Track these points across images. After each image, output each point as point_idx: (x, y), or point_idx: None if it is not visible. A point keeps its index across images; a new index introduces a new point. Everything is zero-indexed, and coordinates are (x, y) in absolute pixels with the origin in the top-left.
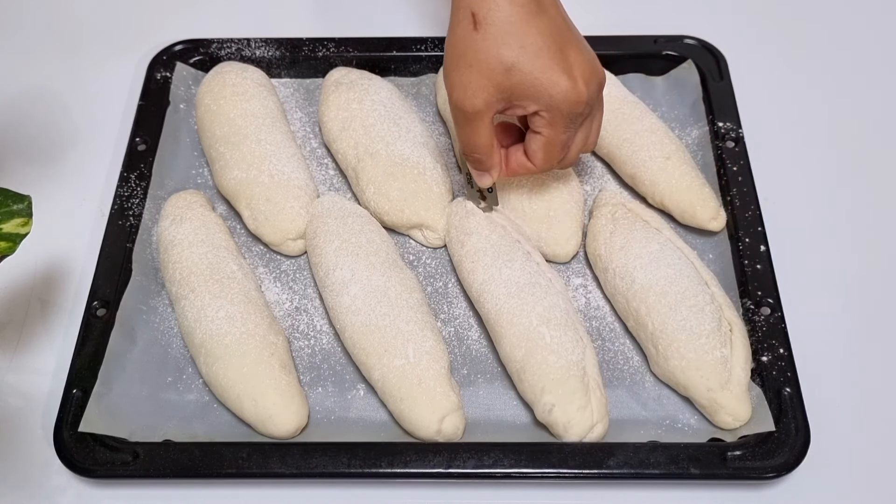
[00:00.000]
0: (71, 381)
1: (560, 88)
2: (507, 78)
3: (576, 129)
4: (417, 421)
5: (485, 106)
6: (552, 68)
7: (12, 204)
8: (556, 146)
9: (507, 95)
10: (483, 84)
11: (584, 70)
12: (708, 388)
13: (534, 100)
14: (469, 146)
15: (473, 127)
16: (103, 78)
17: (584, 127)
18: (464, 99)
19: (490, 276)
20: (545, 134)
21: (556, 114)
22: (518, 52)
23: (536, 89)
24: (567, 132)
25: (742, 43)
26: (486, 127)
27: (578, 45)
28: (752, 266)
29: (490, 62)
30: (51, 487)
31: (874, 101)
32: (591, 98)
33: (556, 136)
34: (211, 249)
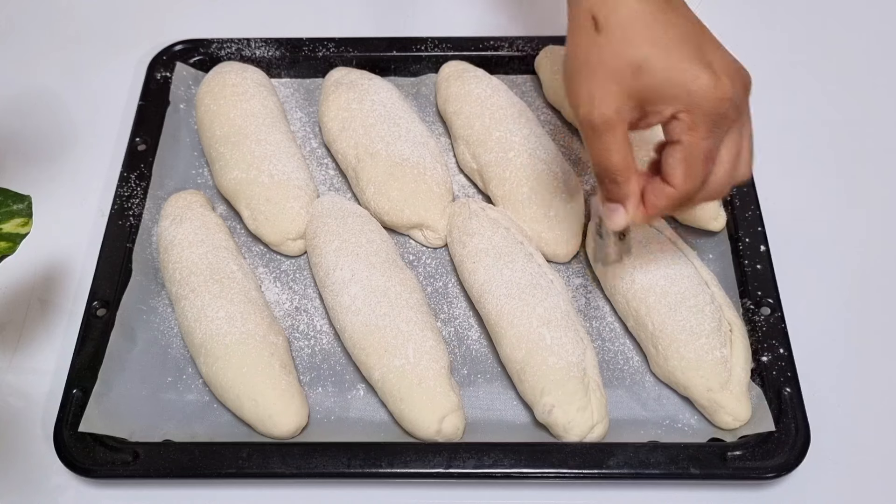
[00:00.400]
0: (71, 381)
1: (700, 82)
2: (637, 79)
3: (720, 135)
4: (417, 421)
5: (615, 114)
6: (689, 60)
7: (12, 204)
8: (698, 157)
9: (640, 100)
10: (611, 90)
11: (728, 66)
12: (708, 388)
13: (671, 100)
14: (602, 167)
15: (605, 142)
16: (103, 78)
17: (731, 139)
18: (591, 109)
19: (491, 277)
20: (685, 141)
21: (697, 113)
22: (648, 50)
23: (672, 86)
24: (710, 137)
25: (742, 43)
26: (619, 141)
27: (718, 44)
28: (752, 266)
29: (617, 65)
30: (51, 487)
31: (874, 101)
32: (738, 96)
33: (698, 143)
34: (211, 249)
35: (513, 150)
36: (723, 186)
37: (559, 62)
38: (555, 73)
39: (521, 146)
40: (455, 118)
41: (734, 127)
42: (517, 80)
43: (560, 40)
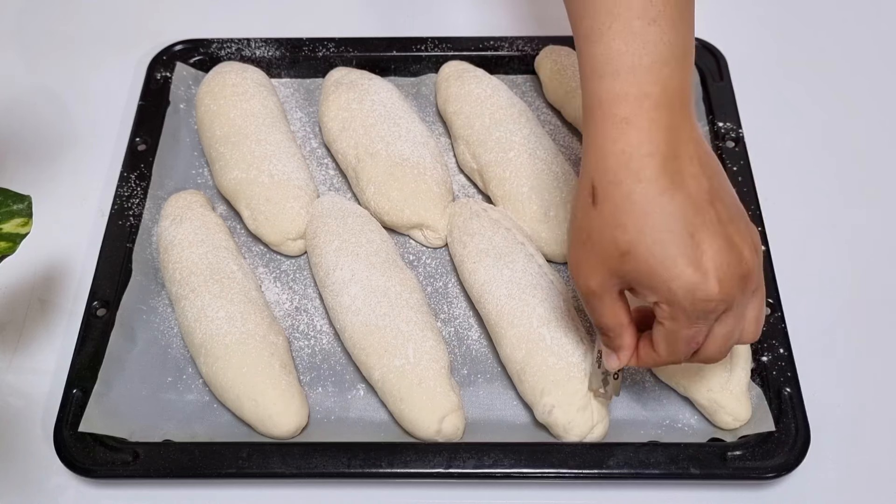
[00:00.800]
0: (71, 381)
1: (681, 282)
2: (621, 263)
3: (707, 325)
4: (417, 421)
5: (599, 289)
6: (674, 258)
7: (12, 204)
8: (678, 341)
9: (623, 281)
10: (596, 266)
11: (721, 261)
12: (708, 389)
13: (651, 291)
14: (596, 323)
15: (593, 306)
16: (103, 78)
17: (725, 322)
18: (578, 278)
19: (491, 277)
20: (667, 326)
21: (678, 309)
22: (635, 237)
23: (653, 280)
24: (692, 328)
25: (742, 43)
26: (607, 307)
27: (719, 227)
28: None
29: (605, 244)
30: (51, 487)
31: (874, 101)
32: (727, 294)
33: (679, 331)
34: (211, 249)
35: (513, 150)
36: (718, 355)
37: (559, 62)
38: (555, 72)
39: (521, 146)
40: (455, 118)
41: (729, 312)
42: (517, 80)
43: (560, 40)
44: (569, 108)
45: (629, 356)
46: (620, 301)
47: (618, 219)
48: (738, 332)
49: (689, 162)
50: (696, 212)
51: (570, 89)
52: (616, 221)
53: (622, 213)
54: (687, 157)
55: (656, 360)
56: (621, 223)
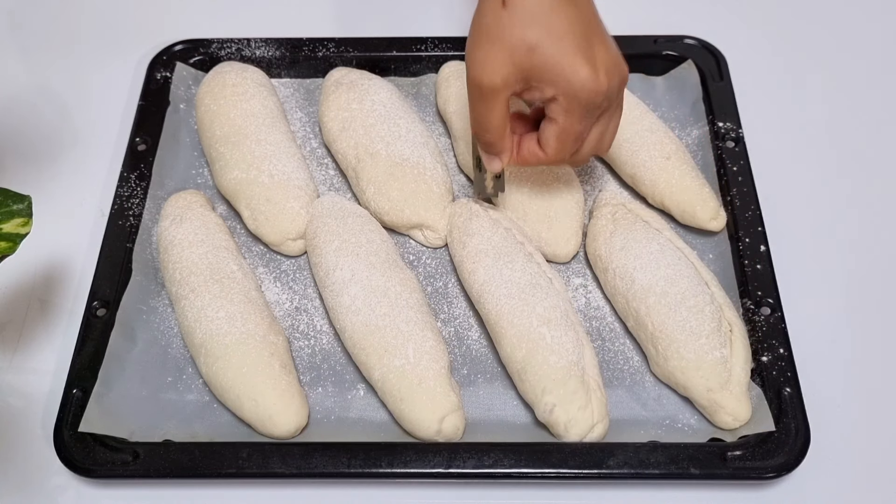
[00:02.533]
0: (71, 381)
1: (580, 76)
2: (528, 58)
3: (591, 121)
4: (417, 421)
5: (502, 83)
6: (575, 55)
7: (12, 204)
8: (570, 136)
9: (527, 76)
10: (503, 61)
11: (608, 63)
12: (708, 389)
13: (552, 84)
14: (481, 125)
15: (488, 105)
16: (103, 78)
17: (601, 123)
18: (482, 74)
19: (491, 277)
20: (560, 122)
21: (574, 101)
22: (543, 34)
23: (556, 73)
24: (583, 123)
25: (742, 43)
26: (500, 106)
27: (605, 40)
28: (752, 266)
29: (514, 40)
30: (51, 487)
31: (874, 100)
32: (611, 91)
33: (571, 126)
34: (211, 249)
35: None
36: (585, 158)
37: None
38: None
39: None
40: (455, 118)
41: (605, 113)
42: None
43: None
44: None
45: (509, 157)
46: (508, 106)
47: (528, 19)
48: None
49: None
50: (588, 22)
51: None
52: (527, 21)
53: (532, 14)
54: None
55: (541, 159)
56: (532, 23)
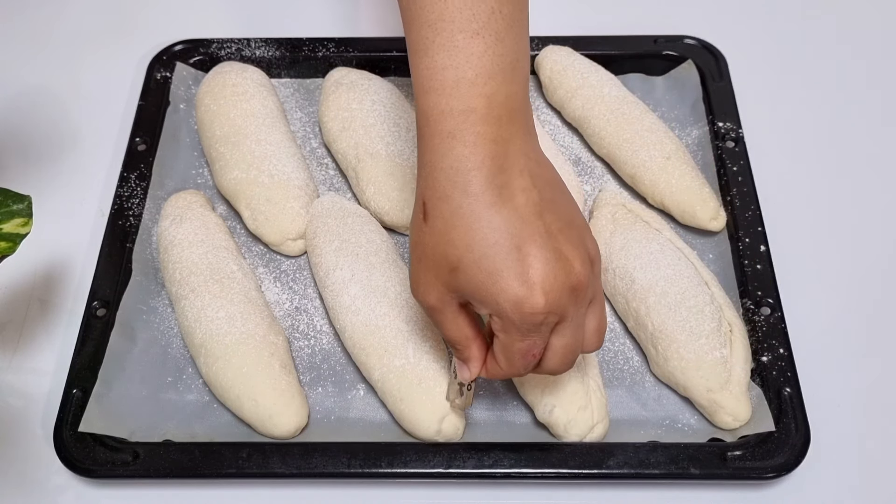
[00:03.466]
0: (71, 381)
1: (508, 296)
2: (452, 278)
3: (540, 337)
4: (417, 421)
5: (438, 303)
6: (500, 272)
7: (12, 204)
8: (514, 354)
9: (457, 294)
10: (432, 281)
11: (547, 274)
12: (707, 389)
13: (482, 304)
14: (444, 337)
15: (437, 321)
16: (103, 78)
17: (561, 333)
18: (417, 294)
19: None
20: (501, 339)
21: (508, 322)
22: (463, 251)
23: (482, 294)
24: (525, 341)
25: (742, 43)
26: (450, 321)
27: (547, 240)
28: (752, 266)
29: (437, 259)
30: (51, 487)
31: (874, 100)
32: (555, 306)
33: (512, 344)
34: (211, 249)
35: None
36: (562, 367)
37: (559, 62)
38: (555, 73)
39: None
40: None
41: (563, 323)
42: None
43: (560, 40)
44: (569, 108)
45: (479, 367)
46: (463, 314)
47: (447, 234)
48: (578, 344)
49: (518, 175)
50: (523, 224)
51: (571, 89)
52: (446, 237)
53: (451, 228)
54: (517, 170)
55: (500, 373)
56: (450, 238)
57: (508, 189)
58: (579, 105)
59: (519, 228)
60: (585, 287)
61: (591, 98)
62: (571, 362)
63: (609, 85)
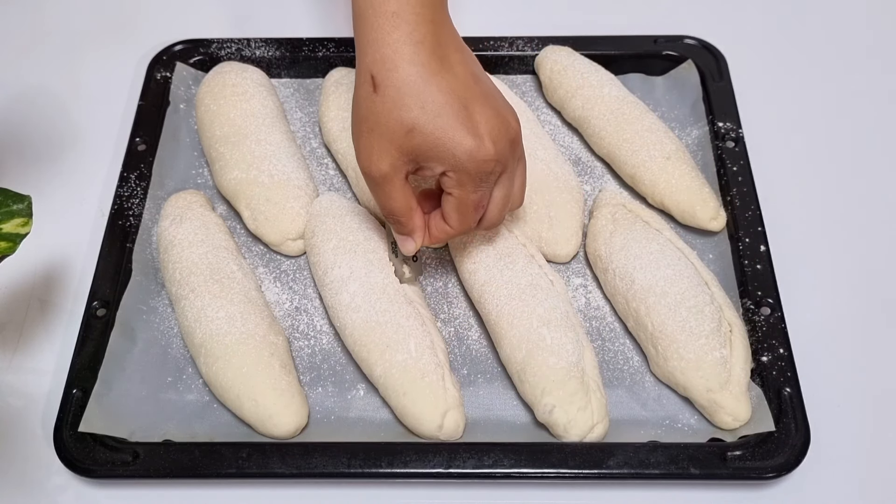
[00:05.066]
0: (71, 381)
1: (464, 148)
2: (408, 140)
3: (489, 187)
4: (420, 415)
5: (391, 169)
6: (454, 127)
7: (12, 204)
8: (468, 207)
9: (413, 157)
10: (386, 148)
11: (492, 127)
12: (707, 389)
13: (438, 161)
14: (385, 210)
15: (385, 191)
16: (103, 78)
17: (502, 185)
18: (369, 164)
19: (491, 278)
20: (456, 195)
21: (464, 174)
22: (418, 113)
23: (439, 150)
24: (478, 191)
25: (742, 43)
26: (398, 190)
27: (486, 100)
28: (752, 266)
29: (391, 125)
30: (51, 487)
31: (874, 100)
32: (501, 155)
33: (467, 197)
34: (211, 249)
35: None
36: (498, 219)
37: (559, 62)
38: (555, 72)
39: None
40: None
41: (504, 174)
42: (517, 80)
43: (560, 40)
44: (569, 108)
45: (422, 236)
46: (408, 185)
47: (401, 100)
48: (510, 197)
49: (454, 51)
50: (465, 88)
51: (571, 89)
52: (399, 103)
53: (404, 95)
54: (452, 47)
55: (449, 233)
56: (404, 104)
57: (448, 61)
58: (579, 105)
59: (463, 91)
60: (519, 140)
61: (591, 98)
62: (504, 214)
63: (609, 85)
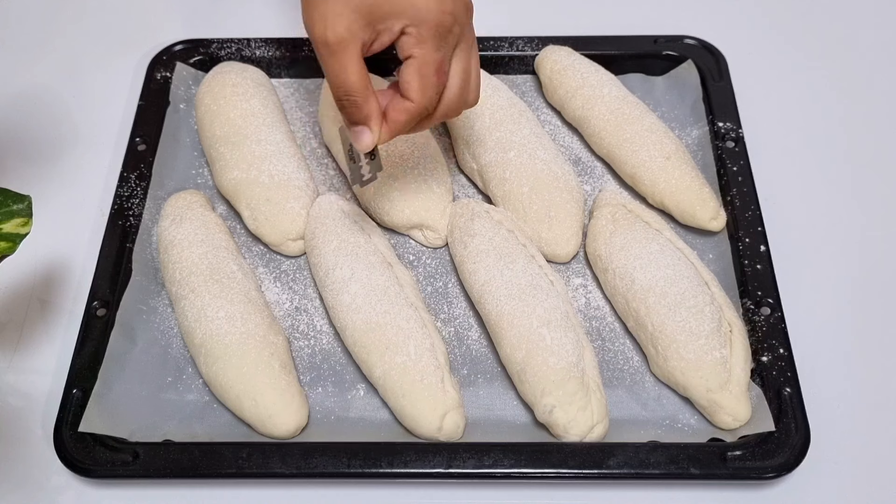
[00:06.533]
0: (71, 381)
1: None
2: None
3: (448, 49)
4: (419, 417)
5: (348, 33)
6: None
7: (12, 204)
8: (430, 68)
9: (370, 17)
10: (341, 10)
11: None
12: (707, 389)
13: (398, 15)
14: (341, 88)
15: (341, 61)
16: (103, 78)
17: (459, 56)
18: (325, 30)
19: (491, 278)
20: (417, 54)
21: (424, 27)
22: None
23: (398, 1)
24: (439, 50)
25: (742, 43)
26: (354, 60)
27: None
28: (752, 266)
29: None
30: (51, 487)
31: (874, 100)
32: (458, 12)
33: (429, 55)
34: (211, 249)
35: (513, 150)
36: (457, 104)
37: (559, 62)
38: (555, 72)
39: (521, 146)
40: (455, 118)
41: (461, 43)
42: (517, 80)
43: (560, 40)
44: (569, 108)
45: (379, 124)
46: (364, 63)
47: None
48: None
49: None
50: None
51: (570, 89)
52: None
53: None
54: None
55: (409, 111)
56: None
57: None
58: (579, 105)
59: None
60: (471, 10)
61: (591, 98)
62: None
63: (609, 85)
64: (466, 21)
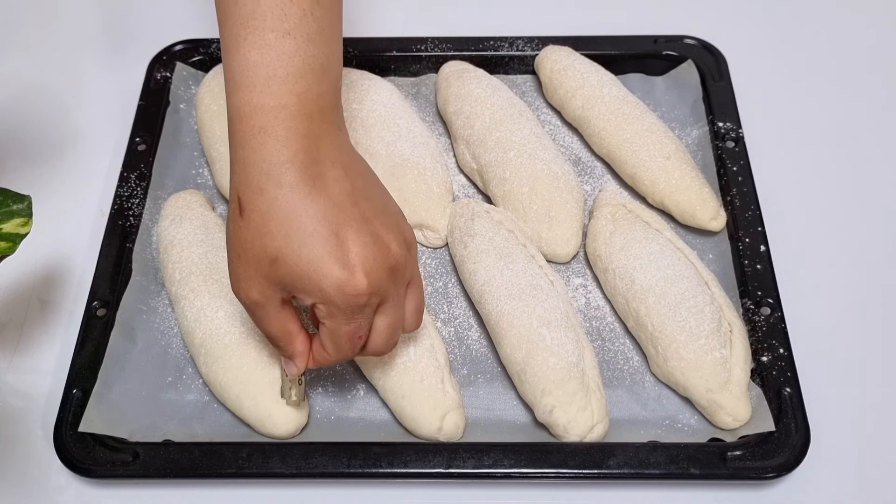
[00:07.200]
0: (71, 381)
1: (331, 280)
2: (273, 270)
3: (365, 318)
4: (419, 418)
5: (261, 297)
6: (321, 258)
7: (12, 204)
8: (341, 338)
9: (280, 286)
10: (252, 276)
11: (366, 256)
12: (707, 389)
13: (305, 292)
14: (265, 334)
15: (258, 317)
16: (103, 78)
17: (384, 314)
18: (238, 291)
19: (491, 278)
20: (327, 325)
21: (333, 307)
22: (282, 242)
23: (304, 282)
24: (351, 323)
25: (742, 43)
26: (272, 316)
27: (363, 225)
28: (752, 266)
29: (256, 253)
30: (51, 487)
31: (874, 100)
32: (377, 286)
33: (339, 328)
34: (211, 249)
35: (513, 150)
36: (384, 346)
37: (559, 62)
38: (555, 72)
39: (521, 146)
40: (455, 118)
41: (386, 304)
42: (517, 80)
43: (560, 40)
44: (569, 108)
45: (304, 361)
46: (286, 309)
47: (265, 227)
48: (400, 323)
49: (331, 166)
50: (339, 211)
51: (570, 89)
52: (263, 230)
53: (268, 220)
54: (329, 162)
55: (328, 359)
56: (268, 230)
57: (322, 180)
58: (579, 105)
59: (335, 215)
60: (403, 267)
61: (591, 98)
62: (394, 342)
63: (609, 85)
64: (390, 284)
